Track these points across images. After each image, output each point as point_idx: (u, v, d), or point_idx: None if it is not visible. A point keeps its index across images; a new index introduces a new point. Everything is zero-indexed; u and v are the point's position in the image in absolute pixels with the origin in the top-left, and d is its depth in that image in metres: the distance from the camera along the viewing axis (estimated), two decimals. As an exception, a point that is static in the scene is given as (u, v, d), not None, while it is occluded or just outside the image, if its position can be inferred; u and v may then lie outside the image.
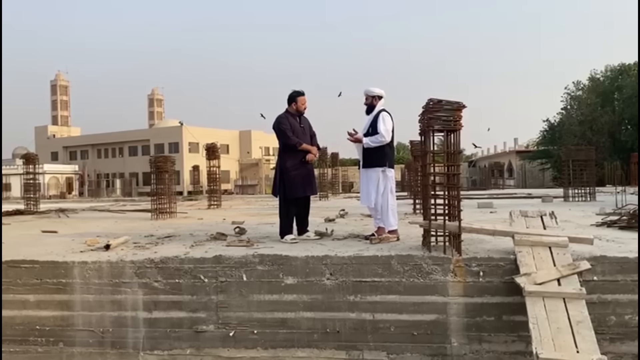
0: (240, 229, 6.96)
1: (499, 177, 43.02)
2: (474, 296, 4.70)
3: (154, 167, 10.89)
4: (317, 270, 4.92)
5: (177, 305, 5.04)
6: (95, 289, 5.13)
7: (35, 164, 13.93)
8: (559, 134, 36.72)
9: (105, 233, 7.50)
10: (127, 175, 61.47)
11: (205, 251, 5.44)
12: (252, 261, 5.04)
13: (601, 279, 4.56)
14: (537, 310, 4.02)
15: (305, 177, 6.29)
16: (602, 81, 37.98)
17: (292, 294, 4.92)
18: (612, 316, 4.53)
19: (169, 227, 8.35)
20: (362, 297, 4.84)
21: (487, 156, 58.32)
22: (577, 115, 36.05)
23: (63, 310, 5.16)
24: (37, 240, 6.87)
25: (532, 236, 4.83)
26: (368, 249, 5.26)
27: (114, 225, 9.38)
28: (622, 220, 6.92)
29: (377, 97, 6.04)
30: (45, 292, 5.17)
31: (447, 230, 4.93)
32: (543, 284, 4.24)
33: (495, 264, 4.72)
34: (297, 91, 6.38)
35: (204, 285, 5.03)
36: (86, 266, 5.17)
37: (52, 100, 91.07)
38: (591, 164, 13.89)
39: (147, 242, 6.31)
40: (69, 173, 59.89)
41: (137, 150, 65.02)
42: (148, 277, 5.09)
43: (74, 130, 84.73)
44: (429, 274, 4.78)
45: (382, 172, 5.94)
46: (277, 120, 6.34)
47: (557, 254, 4.59)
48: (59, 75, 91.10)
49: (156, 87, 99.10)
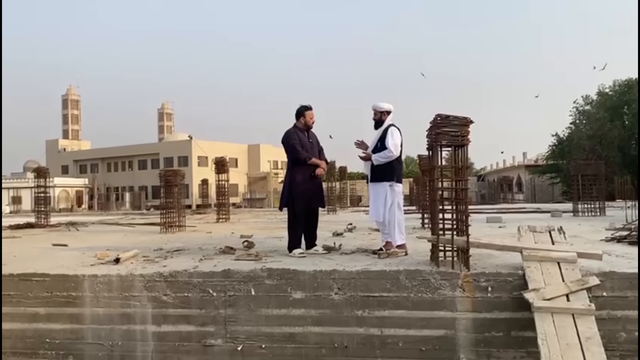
0: (249, 243, 6.99)
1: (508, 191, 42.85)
2: (482, 312, 4.68)
3: (163, 180, 10.96)
4: (325, 284, 4.93)
5: (186, 319, 5.07)
6: (105, 302, 5.17)
7: (46, 178, 14.06)
8: (568, 149, 36.54)
9: (114, 246, 7.55)
10: (136, 189, 61.72)
11: (214, 265, 5.47)
12: (261, 275, 5.06)
13: (610, 295, 4.53)
14: (546, 326, 4.01)
15: (313, 191, 6.33)
16: (611, 96, 37.84)
17: (300, 308, 4.93)
18: (622, 332, 4.49)
19: (178, 241, 8.39)
20: (370, 312, 4.83)
21: (496, 170, 58.14)
22: (586, 129, 35.84)
23: (73, 324, 5.20)
24: (48, 254, 6.94)
25: (541, 251, 4.82)
26: (376, 264, 5.26)
27: (124, 238, 9.44)
28: (631, 236, 6.88)
29: (385, 112, 6.09)
30: (56, 305, 5.21)
31: (455, 245, 4.93)
32: (552, 300, 4.22)
33: (503, 279, 4.71)
34: (305, 106, 6.44)
35: (213, 299, 5.05)
36: (96, 279, 5.21)
37: (63, 115, 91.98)
38: (601, 179, 13.82)
39: (156, 256, 6.35)
40: (79, 186, 60.38)
41: (147, 163, 65.38)
42: (157, 291, 5.13)
43: (84, 144, 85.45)
44: (437, 289, 4.78)
45: (389, 186, 5.96)
46: (286, 135, 6.39)
47: (566, 269, 4.57)
48: (70, 89, 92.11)
49: (166, 101, 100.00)
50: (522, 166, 49.51)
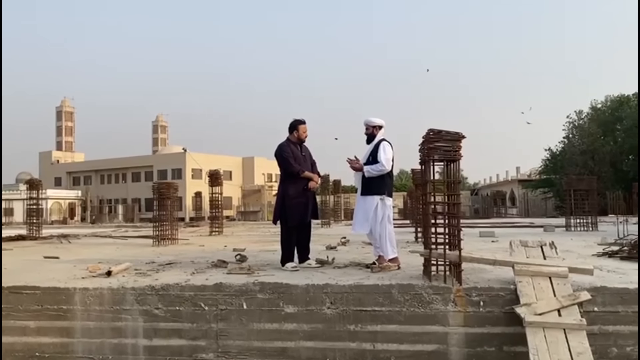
0: (241, 257, 6.97)
1: (501, 205, 43.00)
2: (474, 326, 4.68)
3: (156, 193, 10.92)
4: (317, 299, 4.92)
5: (177, 332, 5.03)
6: (96, 315, 5.13)
7: (39, 190, 14.00)
8: (561, 163, 36.79)
9: (106, 259, 7.51)
10: (129, 201, 61.56)
11: (206, 278, 5.45)
12: (253, 289, 5.04)
13: (602, 310, 4.55)
14: (537, 341, 4.01)
15: (306, 204, 6.34)
16: (603, 111, 38.21)
17: (293, 322, 4.91)
18: (614, 348, 4.50)
19: (170, 254, 8.36)
20: (363, 326, 4.82)
21: (489, 185, 58.38)
22: (579, 144, 36.15)
23: (63, 337, 5.15)
24: (39, 266, 6.89)
25: (532, 266, 4.84)
26: (369, 278, 5.26)
27: (116, 251, 9.39)
28: (623, 251, 6.92)
29: (377, 127, 6.13)
30: (46, 318, 5.17)
31: (447, 260, 4.94)
32: (543, 315, 4.23)
33: (495, 293, 4.72)
34: (298, 120, 6.48)
35: (204, 313, 5.02)
36: (87, 292, 5.17)
37: (57, 126, 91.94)
38: (593, 194, 13.92)
39: (148, 269, 6.32)
40: (71, 198, 60.09)
41: (140, 176, 65.28)
42: (149, 304, 5.10)
43: (77, 155, 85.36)
44: (429, 304, 4.77)
45: (380, 200, 5.97)
46: (279, 148, 6.41)
47: (558, 284, 4.59)
48: (64, 101, 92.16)
49: (161, 114, 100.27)
50: (515, 181, 49.73)
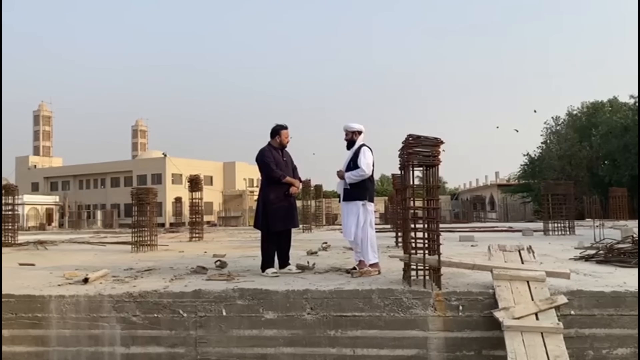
0: (221, 263, 6.92)
1: (481, 210, 43.49)
2: (453, 330, 4.71)
3: (135, 199, 10.80)
4: (297, 304, 4.90)
5: (156, 340, 4.97)
6: (72, 323, 5.04)
7: (14, 195, 13.74)
8: (539, 168, 37.33)
9: (84, 266, 7.39)
10: (108, 207, 60.72)
11: (184, 285, 5.39)
12: (232, 296, 5.01)
13: (578, 313, 4.60)
14: (515, 344, 4.05)
15: (287, 210, 6.31)
16: (579, 117, 38.89)
17: (273, 329, 4.88)
18: (590, 351, 4.56)
19: (149, 260, 8.26)
20: (343, 332, 4.81)
21: (469, 189, 58.95)
22: (556, 149, 36.73)
23: (38, 346, 5.05)
24: (14, 274, 6.75)
25: (511, 270, 4.89)
26: (349, 283, 5.26)
27: (94, 257, 9.25)
28: (599, 255, 7.03)
29: (357, 132, 6.16)
30: (20, 327, 5.06)
31: (427, 264, 4.97)
32: (521, 318, 4.27)
33: (474, 298, 4.75)
34: (280, 125, 6.47)
35: (183, 320, 4.97)
36: (63, 300, 5.08)
37: (35, 131, 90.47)
38: (570, 198, 14.13)
39: (126, 276, 6.23)
40: (49, 204, 59.12)
41: (120, 181, 64.46)
42: (126, 312, 5.02)
43: (55, 160, 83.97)
44: (409, 309, 4.79)
45: (362, 205, 5.99)
46: (260, 153, 6.39)
47: (535, 288, 4.64)
48: (42, 105, 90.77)
49: (140, 119, 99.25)
50: (494, 185, 50.28)
